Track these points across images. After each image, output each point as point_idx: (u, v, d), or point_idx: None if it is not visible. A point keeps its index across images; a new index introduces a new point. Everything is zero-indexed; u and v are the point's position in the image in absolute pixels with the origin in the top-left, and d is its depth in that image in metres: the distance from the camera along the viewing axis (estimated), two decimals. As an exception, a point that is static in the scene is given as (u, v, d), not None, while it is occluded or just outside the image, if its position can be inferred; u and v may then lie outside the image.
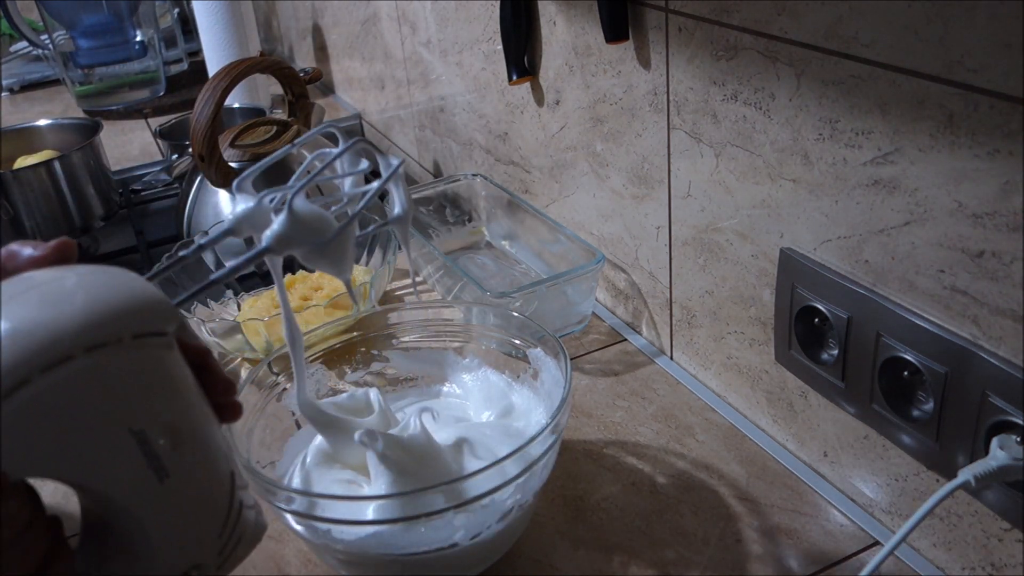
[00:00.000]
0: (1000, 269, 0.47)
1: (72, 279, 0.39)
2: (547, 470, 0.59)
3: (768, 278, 0.65)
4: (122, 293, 0.39)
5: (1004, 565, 0.53)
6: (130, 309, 0.39)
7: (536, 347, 0.67)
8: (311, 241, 0.52)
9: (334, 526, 0.54)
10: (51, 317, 0.37)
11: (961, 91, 0.46)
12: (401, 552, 0.54)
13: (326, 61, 1.73)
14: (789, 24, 0.56)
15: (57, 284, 0.39)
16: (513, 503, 0.56)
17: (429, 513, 0.52)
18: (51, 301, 0.38)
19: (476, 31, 1.01)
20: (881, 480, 0.61)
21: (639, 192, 0.79)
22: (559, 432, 0.57)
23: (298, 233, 0.51)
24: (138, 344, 0.39)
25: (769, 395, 0.70)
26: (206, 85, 0.98)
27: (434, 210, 1.04)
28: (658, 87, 0.72)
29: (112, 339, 0.38)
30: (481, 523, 0.55)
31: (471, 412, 0.70)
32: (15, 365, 0.35)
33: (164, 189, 1.35)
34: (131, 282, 0.40)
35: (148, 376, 0.40)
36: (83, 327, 0.37)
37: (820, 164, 0.57)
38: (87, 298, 0.38)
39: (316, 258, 0.53)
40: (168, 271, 0.53)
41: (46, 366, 0.36)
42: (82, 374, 0.37)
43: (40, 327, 0.36)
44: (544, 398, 0.66)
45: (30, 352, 0.35)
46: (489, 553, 0.59)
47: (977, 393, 0.50)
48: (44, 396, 0.36)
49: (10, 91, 1.99)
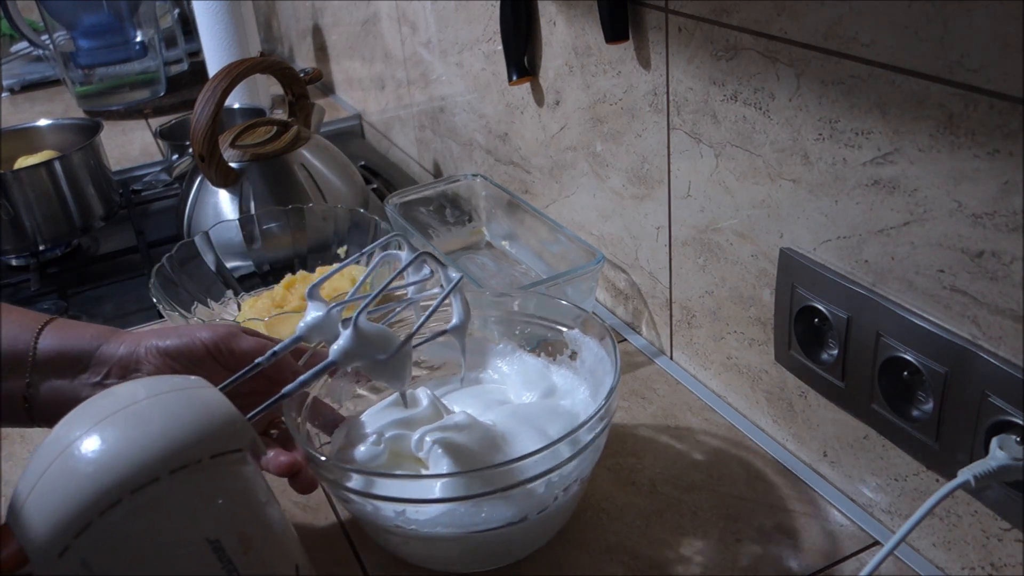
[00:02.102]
0: (1000, 269, 0.47)
1: (154, 400, 0.44)
2: (602, 445, 0.61)
3: (768, 278, 0.65)
4: (202, 415, 0.44)
5: (1004, 565, 0.53)
6: (209, 431, 0.44)
7: (573, 328, 0.69)
8: (373, 357, 0.56)
9: (409, 506, 0.56)
10: (139, 441, 0.42)
11: (961, 91, 0.46)
12: (474, 529, 0.56)
13: (326, 61, 1.73)
14: (789, 24, 0.56)
15: (141, 406, 0.44)
16: (577, 475, 0.59)
17: (517, 483, 0.55)
18: (138, 424, 0.43)
19: (476, 31, 1.01)
20: (881, 480, 0.61)
21: (639, 192, 0.79)
22: (614, 402, 0.60)
23: (362, 349, 0.55)
24: (215, 463, 0.44)
25: (769, 395, 0.70)
26: (206, 85, 0.98)
27: (434, 210, 1.04)
28: (658, 87, 0.72)
29: (193, 460, 0.43)
30: (547, 496, 0.57)
31: (511, 395, 0.71)
32: (109, 488, 0.41)
33: (164, 189, 1.35)
34: (209, 401, 0.46)
35: (225, 490, 0.45)
36: (168, 451, 0.42)
37: (820, 164, 0.57)
38: (170, 421, 0.43)
39: (377, 371, 0.57)
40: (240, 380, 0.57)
41: (135, 488, 0.41)
42: (166, 493, 0.42)
43: (130, 451, 0.42)
44: (586, 376, 0.68)
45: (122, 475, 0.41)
46: (550, 527, 0.61)
47: (977, 393, 0.50)
48: (132, 514, 0.41)
49: (10, 91, 1.99)
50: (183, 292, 0.90)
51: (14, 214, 1.11)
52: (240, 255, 0.98)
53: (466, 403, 0.67)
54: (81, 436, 0.43)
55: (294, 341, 0.59)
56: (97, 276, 1.13)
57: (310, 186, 1.05)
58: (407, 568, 0.62)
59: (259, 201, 1.02)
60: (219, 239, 0.97)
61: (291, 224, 1.00)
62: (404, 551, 0.61)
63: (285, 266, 0.99)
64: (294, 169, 1.05)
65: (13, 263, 1.17)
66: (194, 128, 0.97)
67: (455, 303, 0.59)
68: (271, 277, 0.98)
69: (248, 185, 1.03)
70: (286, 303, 0.88)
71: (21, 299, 1.08)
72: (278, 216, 1.00)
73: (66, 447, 0.42)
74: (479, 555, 0.60)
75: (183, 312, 0.85)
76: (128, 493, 0.41)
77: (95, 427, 0.43)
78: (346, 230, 0.99)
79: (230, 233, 0.98)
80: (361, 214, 0.98)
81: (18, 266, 1.17)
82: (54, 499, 0.41)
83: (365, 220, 0.98)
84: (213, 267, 0.96)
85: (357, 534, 0.66)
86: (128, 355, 0.59)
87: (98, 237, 1.25)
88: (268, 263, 1.00)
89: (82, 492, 0.41)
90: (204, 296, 0.92)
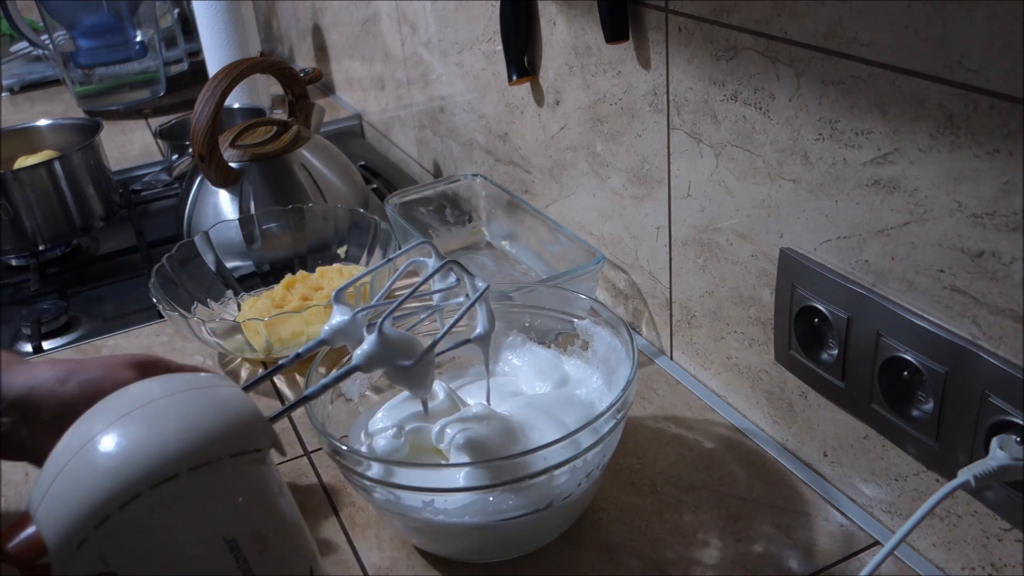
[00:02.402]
0: (1000, 269, 0.47)
1: (175, 397, 0.45)
2: (621, 431, 0.62)
3: (768, 278, 0.65)
4: (223, 414, 0.45)
5: (1004, 565, 0.53)
6: (230, 430, 0.45)
7: (584, 319, 0.70)
8: (397, 363, 0.56)
9: (437, 496, 0.56)
10: (160, 437, 0.43)
11: (961, 91, 0.46)
12: (500, 517, 0.57)
13: (326, 61, 1.73)
14: (789, 24, 0.56)
15: (164, 402, 0.44)
16: (599, 461, 0.60)
17: (544, 470, 0.55)
18: (159, 421, 0.43)
19: (476, 31, 1.01)
20: (881, 480, 0.61)
21: (639, 192, 0.79)
22: (634, 387, 0.61)
23: (386, 354, 0.56)
24: (235, 462, 0.44)
25: (769, 395, 0.70)
26: (206, 85, 0.98)
27: (434, 210, 1.04)
28: (658, 87, 0.72)
29: (213, 458, 0.43)
30: (571, 483, 0.58)
31: (524, 387, 0.71)
32: (129, 482, 0.41)
33: (164, 189, 1.35)
34: (231, 401, 0.46)
35: (243, 489, 0.45)
36: (188, 448, 0.43)
37: (820, 164, 0.57)
38: (192, 419, 0.44)
39: (400, 378, 0.57)
40: (263, 380, 0.58)
41: (155, 483, 0.42)
42: (185, 490, 0.43)
43: (150, 447, 0.42)
44: (599, 366, 0.70)
45: (142, 470, 0.42)
46: (572, 514, 0.63)
47: (977, 393, 0.50)
48: (152, 509, 0.42)
49: (10, 91, 1.99)
50: (183, 292, 0.90)
51: (14, 214, 1.11)
52: (240, 255, 0.98)
53: (480, 395, 0.68)
54: (102, 431, 0.43)
55: (318, 344, 0.59)
56: (97, 276, 1.13)
57: (310, 186, 1.05)
58: (407, 568, 0.62)
59: (259, 201, 1.02)
60: (219, 239, 0.97)
61: (291, 224, 1.00)
62: (425, 542, 0.62)
63: (285, 266, 0.99)
64: (294, 169, 1.05)
65: (13, 263, 1.17)
66: (194, 128, 0.97)
67: (480, 312, 0.60)
68: (271, 277, 0.99)
69: (248, 185, 1.03)
70: (286, 303, 0.88)
71: (21, 299, 1.08)
72: (278, 216, 1.00)
73: (87, 441, 0.43)
74: (502, 543, 0.61)
75: (183, 312, 0.85)
76: (148, 488, 0.42)
77: (116, 423, 0.43)
78: (346, 230, 0.99)
79: (230, 233, 0.98)
80: (361, 214, 0.98)
81: (18, 266, 1.17)
82: (75, 492, 0.42)
83: (365, 220, 0.98)
84: (213, 267, 0.96)
85: (357, 534, 0.66)
86: (24, 397, 0.58)
87: (98, 237, 1.25)
88: (268, 263, 1.00)
89: (102, 485, 0.42)
90: (204, 296, 0.92)
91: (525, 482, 0.56)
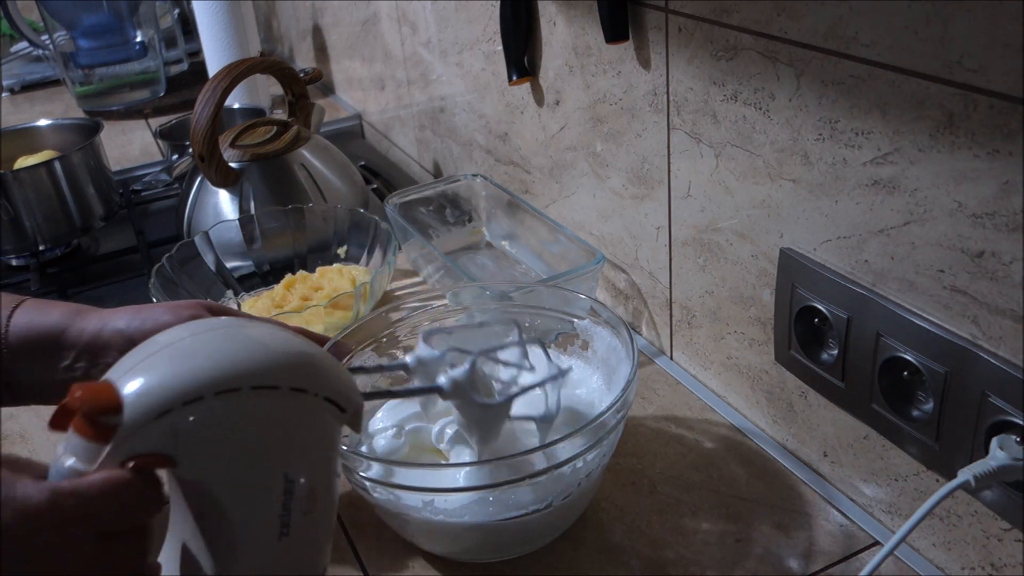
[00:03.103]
0: (1000, 269, 0.47)
1: (252, 327, 0.45)
2: (621, 431, 0.62)
3: (768, 278, 0.65)
4: (294, 347, 0.45)
5: (1004, 565, 0.53)
6: (296, 361, 0.44)
7: (584, 319, 0.71)
8: (476, 399, 0.58)
9: (437, 495, 0.57)
10: (229, 354, 0.43)
11: (961, 91, 0.46)
12: (500, 517, 0.57)
13: (326, 61, 1.73)
14: (789, 24, 0.56)
15: (237, 329, 0.45)
16: (599, 460, 0.60)
17: (545, 470, 0.56)
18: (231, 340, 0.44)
19: (476, 31, 1.01)
20: (881, 480, 0.61)
21: (639, 192, 0.79)
22: (634, 386, 0.61)
23: (472, 387, 0.57)
24: (296, 397, 0.44)
25: (769, 395, 0.70)
26: (206, 85, 0.98)
27: (434, 210, 1.04)
28: (658, 87, 0.72)
29: (274, 384, 0.43)
30: (571, 482, 0.58)
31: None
32: (228, 374, 0.42)
33: (164, 189, 1.35)
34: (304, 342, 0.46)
35: (307, 431, 0.45)
36: (252, 368, 0.43)
37: (820, 164, 0.57)
38: (263, 345, 0.44)
39: (473, 415, 0.58)
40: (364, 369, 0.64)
41: (218, 391, 0.41)
42: (248, 406, 0.42)
43: (218, 360, 0.42)
44: (599, 366, 0.70)
45: (239, 368, 0.42)
46: (572, 514, 0.63)
47: (977, 393, 0.50)
48: (238, 409, 0.42)
49: (10, 91, 1.99)
50: (183, 292, 0.90)
51: (14, 214, 1.11)
52: (240, 255, 0.99)
53: None
54: (186, 337, 0.43)
55: (397, 366, 0.61)
56: (97, 276, 1.13)
57: (310, 186, 1.05)
58: (407, 567, 0.62)
59: (259, 201, 1.02)
60: (219, 239, 0.97)
61: (291, 224, 1.00)
62: (424, 542, 0.62)
63: (285, 266, 0.99)
64: (294, 169, 1.05)
65: (13, 263, 1.17)
66: (194, 128, 0.97)
67: (550, 394, 0.61)
68: (271, 277, 0.99)
69: (248, 185, 1.03)
70: (286, 303, 0.88)
71: (21, 299, 1.08)
72: (278, 216, 1.00)
73: (177, 340, 0.43)
74: (501, 543, 0.61)
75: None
76: (212, 394, 0.41)
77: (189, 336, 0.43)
78: (346, 230, 0.99)
79: (230, 233, 0.98)
80: (361, 214, 0.98)
81: (18, 266, 1.17)
82: (173, 365, 0.41)
83: (365, 220, 0.98)
84: (213, 267, 0.96)
85: (357, 534, 0.66)
86: (94, 339, 0.59)
87: (98, 237, 1.25)
88: (268, 263, 1.00)
89: (202, 369, 0.41)
90: (204, 296, 0.92)
91: (525, 482, 0.56)
